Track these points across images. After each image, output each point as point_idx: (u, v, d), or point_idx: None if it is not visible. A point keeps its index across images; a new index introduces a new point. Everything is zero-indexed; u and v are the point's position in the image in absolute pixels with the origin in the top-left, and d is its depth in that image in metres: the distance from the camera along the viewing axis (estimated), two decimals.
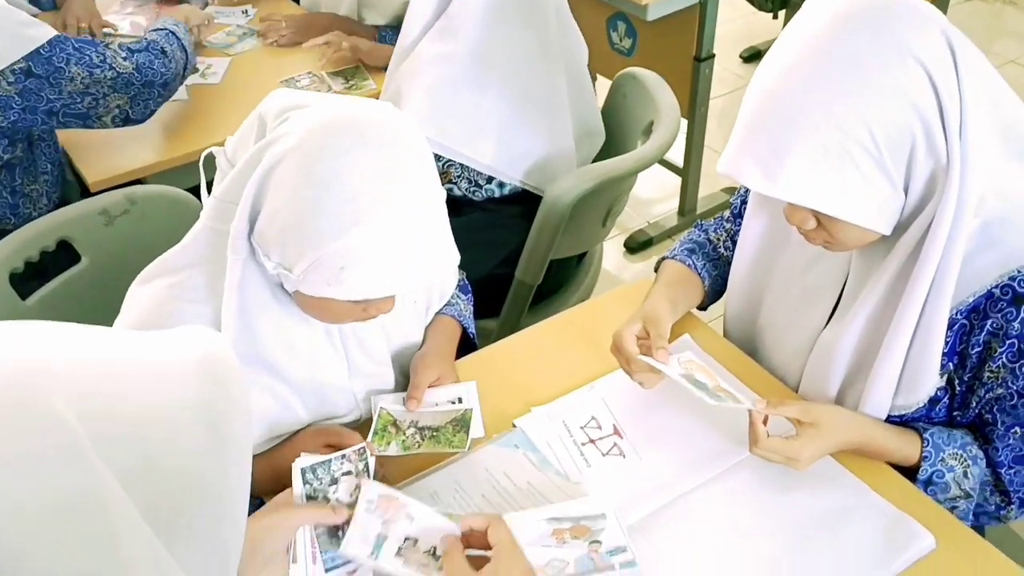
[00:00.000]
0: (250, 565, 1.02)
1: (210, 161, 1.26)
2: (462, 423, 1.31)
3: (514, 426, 1.37)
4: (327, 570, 1.10)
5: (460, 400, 1.35)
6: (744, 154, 1.13)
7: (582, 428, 1.36)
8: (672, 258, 1.55)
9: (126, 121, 1.96)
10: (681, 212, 3.28)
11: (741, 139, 1.14)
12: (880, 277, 1.23)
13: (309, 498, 1.11)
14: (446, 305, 1.51)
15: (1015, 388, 1.20)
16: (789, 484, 1.26)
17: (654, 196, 3.41)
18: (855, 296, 1.28)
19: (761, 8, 3.97)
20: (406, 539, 1.09)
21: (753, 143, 1.12)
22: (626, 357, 1.32)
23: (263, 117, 1.16)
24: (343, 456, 1.15)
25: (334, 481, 1.13)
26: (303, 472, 1.12)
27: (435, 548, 1.09)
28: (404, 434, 1.29)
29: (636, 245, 3.19)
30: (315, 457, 1.14)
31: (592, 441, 1.34)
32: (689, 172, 3.18)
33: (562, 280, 2.08)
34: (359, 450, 1.16)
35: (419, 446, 1.28)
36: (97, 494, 0.53)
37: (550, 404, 1.39)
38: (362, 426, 1.31)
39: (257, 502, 1.24)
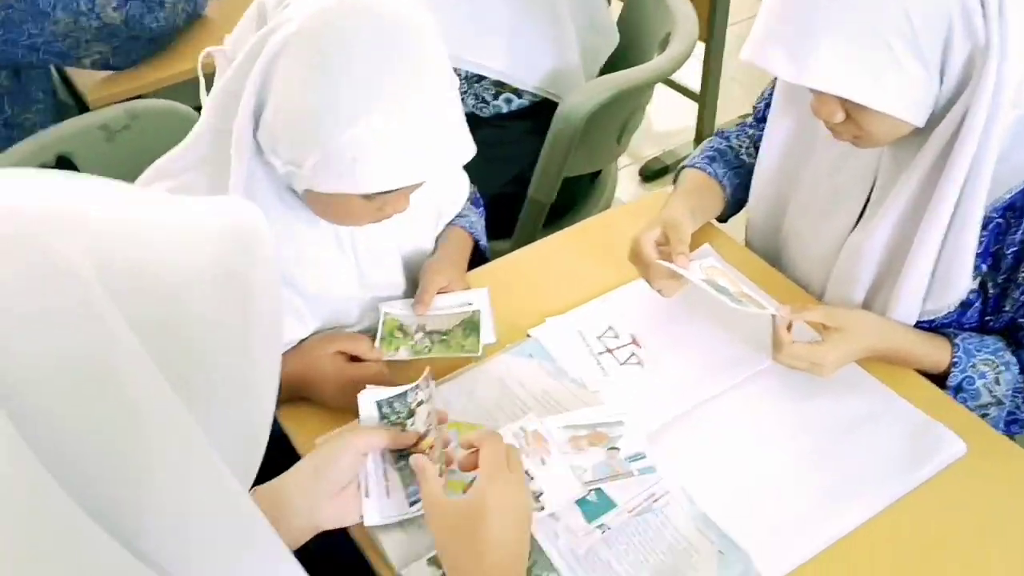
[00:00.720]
0: (316, 497, 0.99)
1: (210, 63, 1.21)
2: (471, 325, 1.26)
3: (528, 336, 1.32)
4: (411, 504, 1.06)
5: (470, 305, 1.31)
6: (771, 40, 1.07)
7: (599, 338, 1.32)
8: (692, 166, 1.49)
9: (105, 67, 1.89)
10: (698, 140, 3.19)
11: (768, 24, 1.08)
12: (911, 174, 1.17)
13: None
14: (457, 217, 1.46)
15: None
16: (813, 391, 1.22)
17: (670, 124, 3.33)
18: (884, 196, 1.23)
19: None
20: None
21: (781, 28, 1.07)
22: (644, 263, 1.27)
23: (262, 4, 1.10)
24: (416, 387, 1.12)
25: (411, 414, 1.10)
26: (379, 405, 1.10)
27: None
28: (412, 339, 1.25)
29: (651, 174, 3.12)
30: (384, 390, 1.11)
31: (609, 350, 1.30)
32: (706, 98, 3.09)
33: (576, 199, 2.02)
34: (427, 377, 1.12)
35: (429, 350, 1.24)
36: (113, 347, 0.49)
37: (565, 314, 1.35)
38: (372, 335, 1.27)
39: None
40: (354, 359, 1.22)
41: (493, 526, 0.90)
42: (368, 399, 1.11)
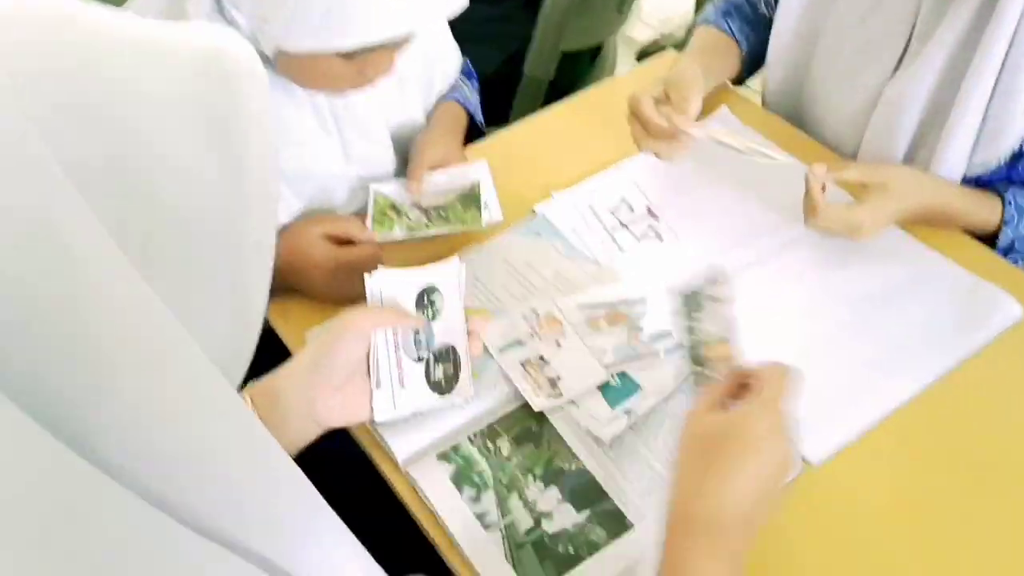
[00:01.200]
0: (317, 392, 0.87)
1: None
2: (471, 199, 1.14)
3: (534, 213, 1.21)
4: (437, 392, 0.95)
5: (469, 178, 1.18)
6: None
7: (611, 212, 1.20)
8: (705, 23, 1.35)
9: None
10: (698, 13, 3.03)
11: None
12: (958, 11, 1.04)
13: None
14: (449, 91, 1.33)
15: None
16: (850, 258, 1.11)
17: (667, 7, 3.15)
18: (925, 41, 1.09)
19: None
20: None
21: None
22: (642, 121, 1.13)
23: None
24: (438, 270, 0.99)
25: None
26: (420, 296, 0.98)
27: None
28: (407, 217, 1.13)
29: (639, 54, 2.96)
30: (393, 272, 0.98)
31: (624, 225, 1.18)
32: None
33: (575, 78, 1.88)
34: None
35: (427, 227, 1.12)
36: (46, 196, 0.37)
37: (573, 188, 1.23)
38: (362, 217, 1.15)
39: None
40: (345, 243, 1.10)
41: (753, 463, 0.71)
42: (378, 283, 0.97)
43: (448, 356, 0.95)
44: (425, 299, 0.97)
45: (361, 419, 0.92)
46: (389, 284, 0.97)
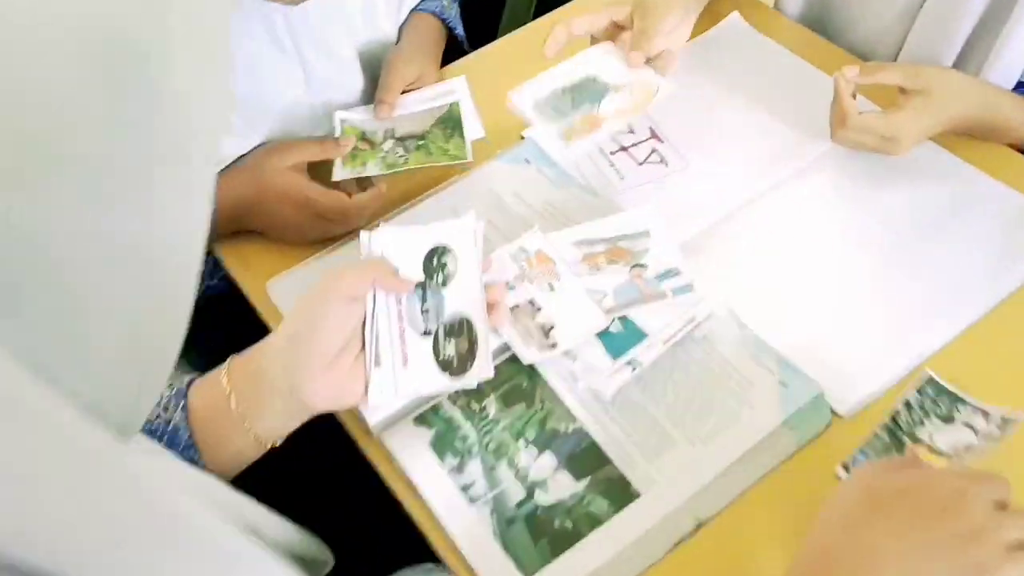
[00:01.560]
0: (297, 372, 0.72)
1: None
2: (451, 122, 1.01)
3: (523, 138, 1.07)
4: (450, 374, 0.79)
5: (447, 97, 1.04)
6: None
7: (610, 134, 1.06)
8: None
9: None
10: None
11: None
12: None
13: None
14: (423, 1, 1.18)
15: None
16: (884, 178, 0.98)
17: None
18: None
19: None
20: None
21: None
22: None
23: None
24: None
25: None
26: (429, 255, 0.83)
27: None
28: (380, 150, 1.00)
29: None
30: (395, 230, 0.83)
31: (624, 148, 1.05)
32: None
33: None
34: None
35: (405, 161, 0.99)
36: None
37: None
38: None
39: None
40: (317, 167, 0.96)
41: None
42: (378, 243, 0.82)
43: (462, 329, 0.80)
44: (435, 261, 0.82)
45: (355, 400, 0.77)
46: (389, 243, 0.82)
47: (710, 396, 0.82)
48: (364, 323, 0.77)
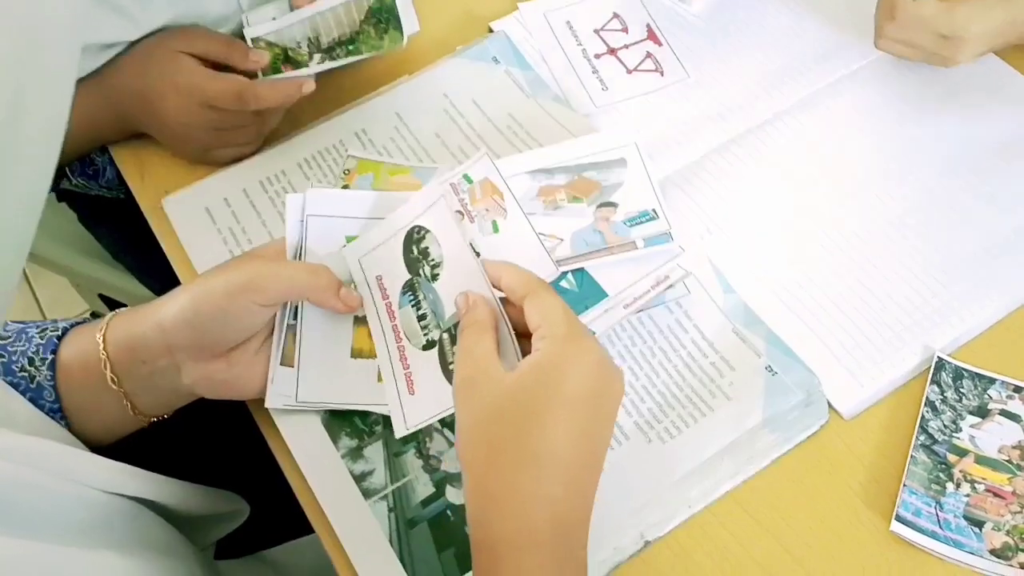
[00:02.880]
0: (192, 355, 0.60)
1: None
2: (384, 12, 0.81)
3: (491, 31, 0.88)
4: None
5: None
6: None
7: (597, 32, 0.86)
8: None
9: None
10: None
11: None
12: None
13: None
14: None
15: None
16: (932, 98, 0.78)
17: None
18: None
19: None
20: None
21: None
22: None
23: None
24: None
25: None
26: None
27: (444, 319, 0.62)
28: (306, 62, 0.81)
29: None
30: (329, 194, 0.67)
31: (612, 51, 0.85)
32: None
33: None
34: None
35: (334, 59, 0.80)
36: None
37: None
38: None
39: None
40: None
41: (568, 411, 0.50)
42: (312, 207, 0.66)
43: None
44: (414, 250, 0.65)
45: (249, 394, 0.64)
46: (323, 219, 0.65)
47: (678, 379, 0.66)
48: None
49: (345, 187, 0.77)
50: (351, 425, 0.65)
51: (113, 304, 1.20)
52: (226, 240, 0.76)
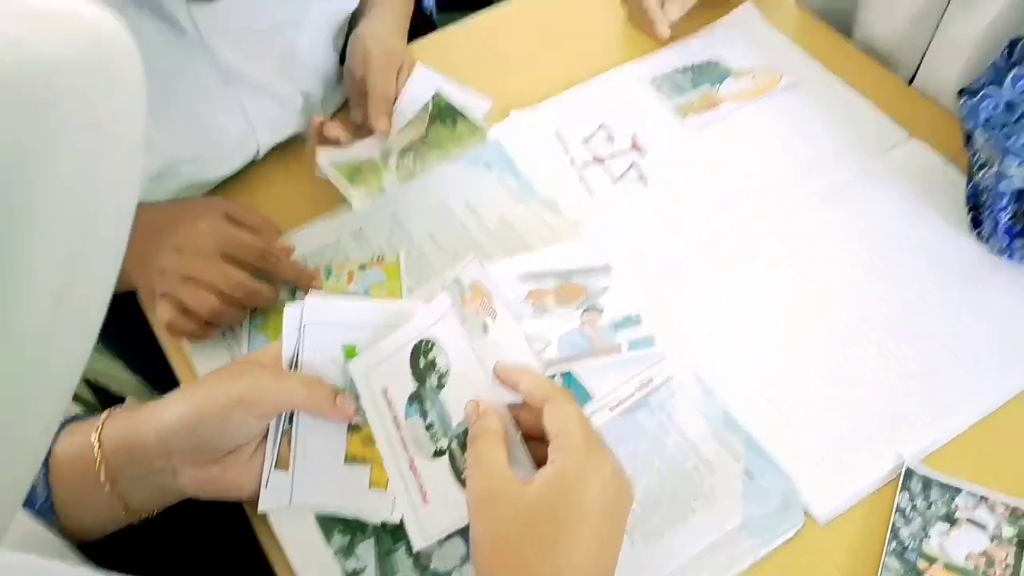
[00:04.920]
0: (187, 458, 0.62)
1: None
2: (445, 112, 0.85)
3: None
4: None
5: (426, 94, 0.88)
6: None
7: (585, 141, 0.91)
8: None
9: None
10: None
11: None
12: None
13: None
14: None
15: None
16: (908, 213, 0.83)
17: None
18: None
19: None
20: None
21: None
22: (641, 8, 0.95)
23: None
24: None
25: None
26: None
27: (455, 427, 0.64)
28: (389, 169, 0.84)
29: None
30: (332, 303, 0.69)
31: (599, 160, 0.89)
32: None
33: None
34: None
35: (423, 163, 0.83)
36: None
37: (539, 106, 0.94)
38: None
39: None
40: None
41: (588, 525, 0.54)
42: (311, 316, 0.67)
43: None
44: (421, 361, 0.67)
45: (242, 496, 0.65)
46: (320, 327, 0.67)
47: (660, 481, 0.68)
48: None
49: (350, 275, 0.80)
50: (344, 521, 0.67)
51: (97, 387, 1.22)
52: (224, 334, 0.78)
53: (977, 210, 0.78)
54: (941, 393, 0.72)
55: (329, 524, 0.67)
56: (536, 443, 0.59)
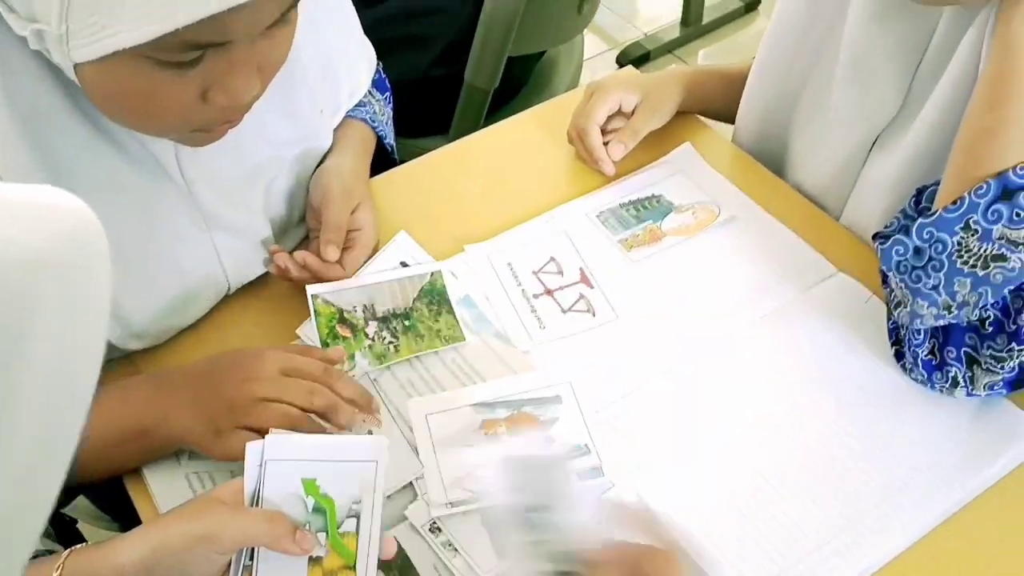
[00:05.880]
0: None
1: None
2: (436, 295, 0.90)
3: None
4: None
5: (420, 265, 0.94)
6: None
7: (535, 273, 0.96)
8: None
9: None
10: (685, 22, 2.77)
11: None
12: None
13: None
14: (355, 106, 1.07)
15: None
16: (840, 344, 0.88)
17: (655, 5, 2.91)
18: (939, 69, 0.85)
19: None
20: None
21: None
22: (587, 148, 1.03)
23: None
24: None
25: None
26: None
27: None
28: (365, 335, 0.88)
29: (630, 61, 2.71)
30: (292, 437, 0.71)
31: (549, 292, 0.94)
32: None
33: (527, 80, 1.63)
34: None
35: (396, 350, 0.88)
36: None
37: (492, 240, 0.99)
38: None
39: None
40: None
41: None
42: (258, 451, 0.69)
43: None
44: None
45: None
46: (281, 463, 0.69)
47: None
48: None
49: None
50: None
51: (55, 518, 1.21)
52: (187, 475, 0.80)
53: (899, 344, 0.84)
54: (868, 521, 0.76)
55: None
56: None
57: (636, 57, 2.72)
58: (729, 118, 1.12)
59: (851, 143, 0.95)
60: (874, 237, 0.82)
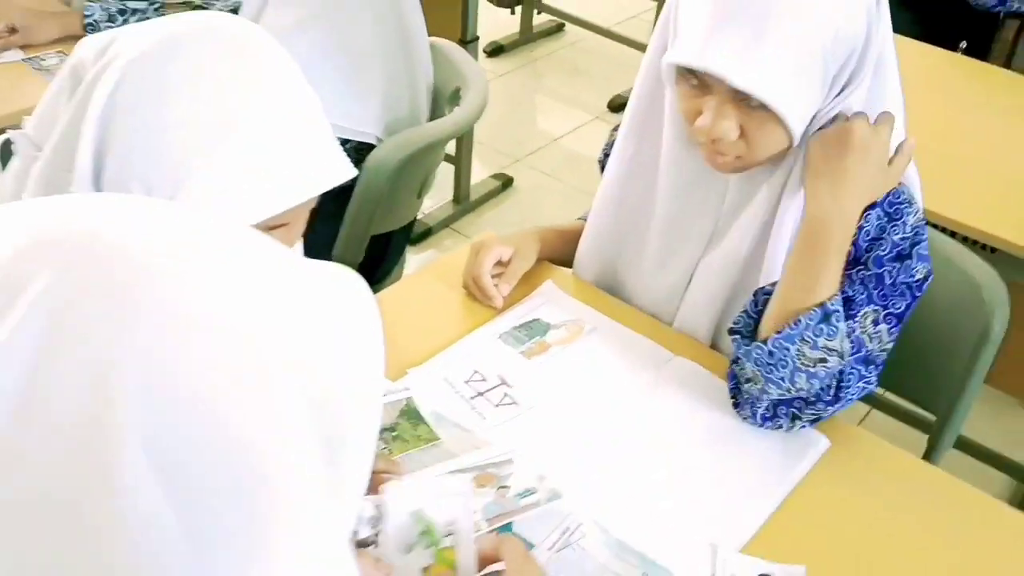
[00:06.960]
0: None
1: (7, 148, 1.02)
2: (412, 414, 1.20)
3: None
4: None
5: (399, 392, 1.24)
6: (715, 44, 1.09)
7: (466, 382, 1.28)
8: None
9: None
10: (456, 200, 3.25)
11: (709, 30, 1.10)
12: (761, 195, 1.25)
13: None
14: None
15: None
16: (691, 406, 1.26)
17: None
18: (734, 216, 1.28)
19: (499, 4, 4.07)
20: None
21: (724, 34, 1.09)
22: (480, 289, 1.38)
23: (78, 67, 0.93)
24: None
25: None
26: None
27: None
28: None
29: (416, 236, 3.12)
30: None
31: (480, 394, 1.26)
32: (461, 160, 3.17)
33: (384, 253, 1.98)
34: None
35: (389, 452, 1.15)
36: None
37: (426, 363, 1.30)
38: None
39: None
40: None
41: None
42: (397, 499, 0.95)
43: None
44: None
45: None
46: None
47: None
48: None
49: None
50: None
51: None
52: None
53: (735, 397, 1.23)
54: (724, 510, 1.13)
55: None
56: None
57: (420, 233, 3.14)
58: (565, 263, 1.51)
59: (668, 283, 1.37)
60: (730, 331, 1.23)
